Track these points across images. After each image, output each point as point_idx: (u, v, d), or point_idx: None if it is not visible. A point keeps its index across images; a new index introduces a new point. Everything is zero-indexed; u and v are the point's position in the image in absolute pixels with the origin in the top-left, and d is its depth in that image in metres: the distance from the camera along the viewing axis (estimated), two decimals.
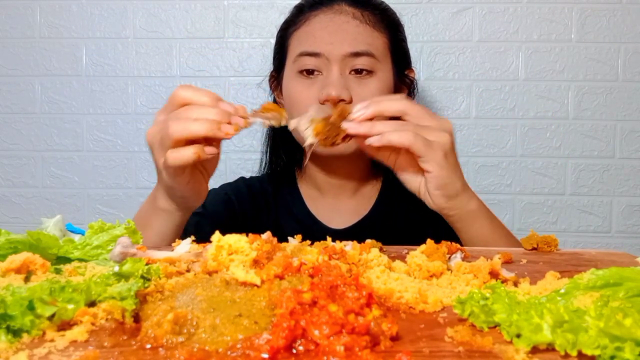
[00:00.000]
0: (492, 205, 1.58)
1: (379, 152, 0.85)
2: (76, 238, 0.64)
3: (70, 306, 0.43)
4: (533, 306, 0.41)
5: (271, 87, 1.19)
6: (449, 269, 0.59)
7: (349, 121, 0.78)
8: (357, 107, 0.80)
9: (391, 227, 1.13)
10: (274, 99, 1.18)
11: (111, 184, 1.71)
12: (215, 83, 1.68)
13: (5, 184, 1.72)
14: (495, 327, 0.43)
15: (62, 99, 1.70)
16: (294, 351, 0.38)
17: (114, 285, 0.46)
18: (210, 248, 0.53)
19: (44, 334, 0.41)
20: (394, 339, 0.40)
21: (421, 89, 1.60)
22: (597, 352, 0.36)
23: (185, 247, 0.59)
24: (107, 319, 0.43)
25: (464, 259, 0.62)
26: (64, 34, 1.69)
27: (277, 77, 1.16)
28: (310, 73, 1.04)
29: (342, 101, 0.98)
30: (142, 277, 0.47)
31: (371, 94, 1.01)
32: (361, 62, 1.02)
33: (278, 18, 1.60)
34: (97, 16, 1.68)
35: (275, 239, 0.57)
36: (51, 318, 0.41)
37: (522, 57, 1.65)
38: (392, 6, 1.14)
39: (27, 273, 0.53)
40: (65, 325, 0.42)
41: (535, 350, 0.39)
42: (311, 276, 0.47)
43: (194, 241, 0.62)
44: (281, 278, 0.47)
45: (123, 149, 1.69)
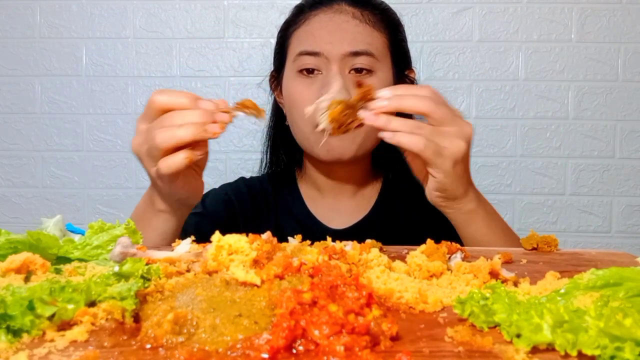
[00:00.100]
0: (492, 205, 1.58)
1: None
2: (76, 238, 0.64)
3: (70, 306, 0.43)
4: (533, 306, 0.41)
5: (271, 87, 1.19)
6: (449, 269, 0.59)
7: (367, 110, 0.77)
8: (381, 92, 0.78)
9: (391, 227, 1.13)
10: (275, 98, 1.18)
11: (111, 184, 1.71)
12: (215, 83, 1.68)
13: (5, 184, 1.72)
14: (495, 327, 0.43)
15: (62, 99, 1.70)
16: (294, 351, 0.38)
17: (114, 285, 0.46)
18: (210, 248, 0.53)
19: (44, 334, 0.41)
20: (394, 339, 0.40)
21: None
22: (597, 352, 0.36)
23: (185, 247, 0.59)
24: (107, 319, 0.43)
25: (464, 259, 0.62)
26: (64, 34, 1.69)
27: (277, 77, 1.16)
28: (311, 72, 1.04)
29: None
30: (142, 277, 0.47)
31: None
32: (361, 62, 1.02)
33: (278, 18, 1.60)
34: (97, 16, 1.68)
35: (275, 239, 0.57)
36: (51, 318, 0.41)
37: (522, 57, 1.65)
38: (392, 6, 1.14)
39: (27, 273, 0.53)
40: (65, 325, 0.42)
41: (535, 350, 0.39)
42: (311, 276, 0.47)
43: (194, 241, 0.62)
44: (281, 278, 0.47)
45: (123, 149, 1.69)
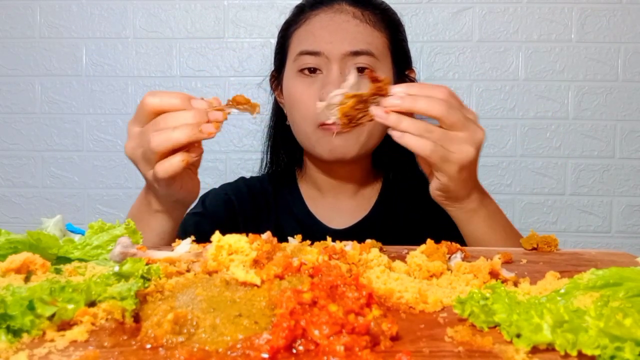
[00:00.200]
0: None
1: None
2: (76, 238, 0.64)
3: (70, 306, 0.43)
4: (533, 306, 0.41)
5: (272, 87, 1.19)
6: (449, 269, 0.59)
7: (379, 107, 0.76)
8: (395, 89, 0.77)
9: (391, 227, 1.13)
10: (275, 98, 1.18)
11: (111, 184, 1.71)
12: (215, 83, 1.68)
13: (5, 184, 1.72)
14: (495, 327, 0.43)
15: (62, 99, 1.70)
16: (294, 351, 0.38)
17: (114, 285, 0.46)
18: (210, 248, 0.53)
19: (44, 334, 0.41)
20: (394, 339, 0.40)
21: None
22: (597, 352, 0.36)
23: (185, 247, 0.59)
24: (107, 319, 0.43)
25: (464, 259, 0.62)
26: (64, 34, 1.69)
27: (277, 76, 1.16)
28: (312, 72, 1.04)
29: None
30: (142, 277, 0.47)
31: None
32: (361, 61, 1.02)
33: (278, 18, 1.60)
34: (97, 16, 1.68)
35: (275, 239, 0.57)
36: (51, 318, 0.41)
37: (522, 57, 1.65)
38: (392, 6, 1.14)
39: (27, 273, 0.53)
40: (65, 325, 0.42)
41: (535, 350, 0.39)
42: (311, 276, 0.47)
43: (194, 241, 0.62)
44: (281, 278, 0.47)
45: (123, 149, 1.68)
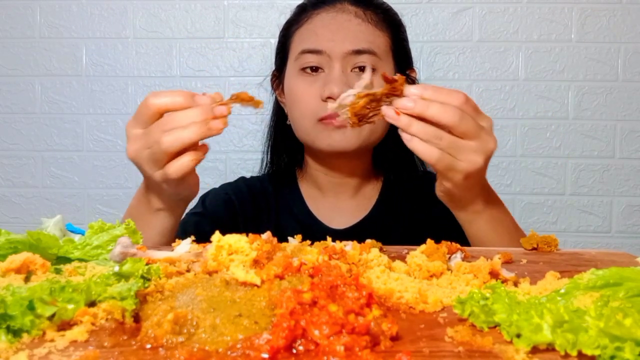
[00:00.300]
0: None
1: None
2: (76, 238, 0.64)
3: (70, 306, 0.42)
4: (533, 306, 0.41)
5: (273, 87, 1.19)
6: (449, 269, 0.59)
7: (391, 107, 0.75)
8: (410, 90, 0.75)
9: (391, 227, 1.13)
10: (276, 98, 1.18)
11: (111, 184, 1.71)
12: (215, 83, 1.68)
13: (5, 184, 1.72)
14: (495, 327, 0.43)
15: (62, 99, 1.70)
16: (294, 351, 0.38)
17: (114, 285, 0.46)
18: (210, 248, 0.53)
19: (44, 334, 0.41)
20: (394, 339, 0.40)
21: None
22: (597, 352, 0.36)
23: (185, 247, 0.59)
24: (107, 319, 0.43)
25: (464, 259, 0.62)
26: (64, 34, 1.69)
27: (278, 76, 1.16)
28: (314, 70, 1.04)
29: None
30: (142, 277, 0.47)
31: None
32: (363, 60, 1.03)
33: (278, 18, 1.60)
34: (97, 16, 1.68)
35: (275, 239, 0.57)
36: (51, 318, 0.41)
37: (522, 57, 1.65)
38: (392, 6, 1.15)
39: (27, 273, 0.53)
40: (65, 325, 0.42)
41: (535, 350, 0.39)
42: (311, 276, 0.47)
43: (194, 241, 0.62)
44: (281, 278, 0.47)
45: (123, 149, 1.69)
